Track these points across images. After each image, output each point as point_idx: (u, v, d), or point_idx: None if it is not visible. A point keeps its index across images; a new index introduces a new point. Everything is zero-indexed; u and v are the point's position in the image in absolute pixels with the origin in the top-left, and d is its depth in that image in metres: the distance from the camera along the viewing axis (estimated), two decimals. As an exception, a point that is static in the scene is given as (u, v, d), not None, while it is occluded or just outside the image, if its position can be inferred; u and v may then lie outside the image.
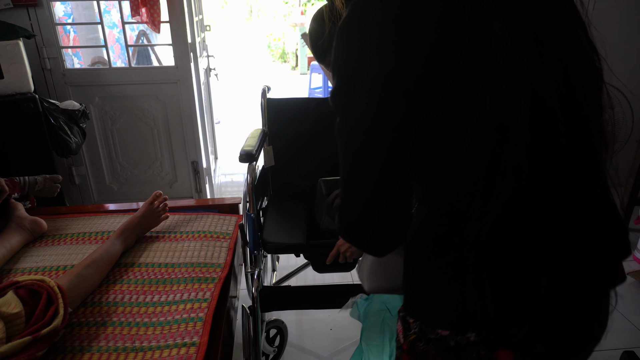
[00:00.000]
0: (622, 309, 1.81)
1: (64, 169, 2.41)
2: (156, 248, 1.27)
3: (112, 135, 2.44)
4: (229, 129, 4.60)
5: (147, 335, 0.95)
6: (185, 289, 1.09)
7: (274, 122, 1.64)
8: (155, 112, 2.41)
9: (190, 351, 0.88)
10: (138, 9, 2.11)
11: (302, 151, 1.66)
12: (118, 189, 2.57)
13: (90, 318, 1.00)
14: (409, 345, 0.59)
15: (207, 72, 2.98)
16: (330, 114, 1.79)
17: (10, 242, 1.24)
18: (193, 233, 1.34)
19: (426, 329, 0.56)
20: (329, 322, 1.78)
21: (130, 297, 1.07)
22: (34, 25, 2.14)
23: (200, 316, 0.99)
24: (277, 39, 9.75)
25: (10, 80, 1.69)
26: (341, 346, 1.67)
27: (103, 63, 2.72)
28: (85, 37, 3.26)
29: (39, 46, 2.18)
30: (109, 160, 2.50)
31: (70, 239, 1.33)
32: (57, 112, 1.78)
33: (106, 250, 1.16)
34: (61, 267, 1.19)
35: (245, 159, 1.35)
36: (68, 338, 0.94)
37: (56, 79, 2.27)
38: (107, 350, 0.91)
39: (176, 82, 2.34)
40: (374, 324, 1.02)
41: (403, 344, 0.61)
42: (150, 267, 1.18)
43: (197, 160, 2.53)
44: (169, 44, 2.28)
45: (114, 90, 2.34)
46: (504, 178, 0.48)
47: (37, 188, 1.51)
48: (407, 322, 0.60)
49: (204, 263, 1.20)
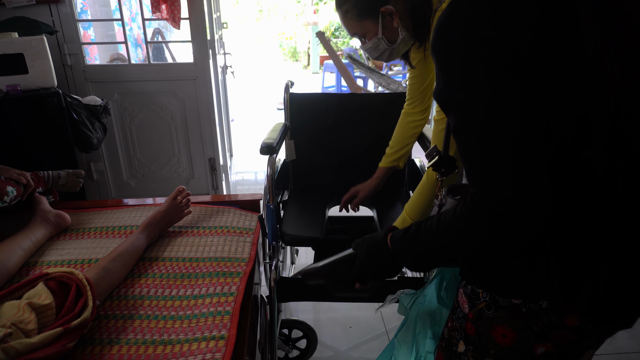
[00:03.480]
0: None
1: (82, 164, 2.43)
2: (180, 242, 1.27)
3: (131, 131, 2.46)
4: (243, 127, 4.61)
5: (175, 328, 0.94)
6: (210, 283, 1.09)
7: (296, 116, 1.64)
8: (173, 108, 2.42)
9: (219, 344, 0.88)
10: (159, 6, 2.11)
11: (324, 146, 1.66)
12: (135, 185, 2.59)
13: (117, 311, 1.00)
14: (475, 313, 0.66)
15: (223, 70, 2.99)
16: (351, 109, 1.80)
17: (36, 235, 1.25)
18: (216, 228, 1.34)
19: (499, 299, 0.63)
20: (347, 320, 1.77)
21: (156, 290, 1.07)
22: (55, 22, 2.16)
23: (227, 310, 0.98)
24: (289, 37, 9.76)
25: (35, 75, 1.71)
26: (359, 341, 1.66)
27: (122, 59, 2.74)
28: (103, 34, 3.29)
29: (60, 42, 2.20)
30: (126, 157, 2.52)
31: (94, 233, 1.34)
32: (80, 108, 1.79)
33: (131, 244, 1.16)
34: (86, 260, 1.19)
35: (266, 151, 1.35)
36: (96, 330, 0.94)
37: (76, 75, 2.29)
38: (135, 342, 0.90)
39: (195, 78, 2.35)
40: (410, 321, 1.01)
41: (468, 313, 0.67)
42: (174, 262, 1.18)
43: (214, 157, 2.54)
44: (188, 40, 2.29)
45: (133, 86, 2.35)
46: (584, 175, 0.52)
47: (61, 182, 1.52)
48: (476, 293, 0.66)
49: (228, 257, 1.19)
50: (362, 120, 1.62)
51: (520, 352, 0.63)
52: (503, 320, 0.63)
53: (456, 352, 0.71)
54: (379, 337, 1.70)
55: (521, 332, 0.62)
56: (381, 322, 1.76)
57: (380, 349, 1.04)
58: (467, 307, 0.67)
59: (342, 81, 4.33)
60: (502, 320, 0.63)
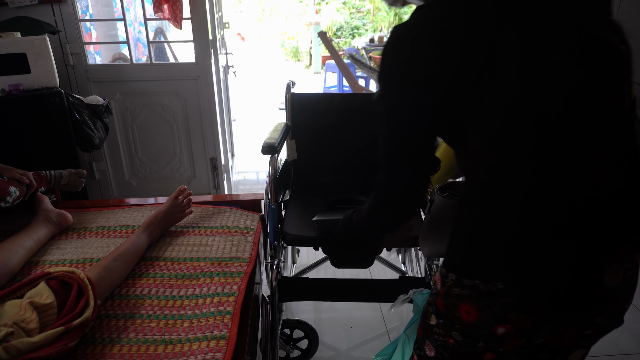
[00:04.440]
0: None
1: (84, 164, 2.44)
2: (181, 242, 1.27)
3: (132, 131, 2.46)
4: (244, 127, 4.61)
5: (176, 327, 0.95)
6: (211, 283, 1.09)
7: (298, 116, 1.64)
8: (175, 108, 2.43)
9: (220, 344, 0.88)
10: (161, 6, 2.12)
11: (325, 146, 1.66)
12: (137, 184, 2.59)
13: (118, 310, 1.00)
14: (445, 290, 0.73)
15: (225, 69, 2.99)
16: (353, 109, 1.79)
17: (38, 234, 1.25)
18: (217, 228, 1.34)
19: (463, 279, 0.70)
20: (348, 320, 1.77)
21: (157, 290, 1.07)
22: (57, 21, 2.17)
23: (228, 309, 0.98)
24: (291, 37, 9.76)
25: (37, 75, 1.71)
26: (360, 341, 1.66)
27: (124, 59, 2.74)
28: (105, 34, 3.29)
29: (62, 42, 2.20)
30: (128, 156, 2.52)
31: (96, 232, 1.34)
32: (82, 107, 1.80)
33: (132, 244, 1.16)
34: (87, 259, 1.19)
35: (267, 151, 1.35)
36: (97, 330, 0.94)
37: (79, 75, 2.29)
38: (136, 342, 0.91)
39: (196, 78, 2.35)
40: None
41: (440, 290, 0.74)
42: (175, 261, 1.18)
43: (216, 157, 2.54)
44: (190, 40, 2.29)
45: (135, 86, 2.35)
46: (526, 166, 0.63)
47: (63, 182, 1.53)
48: (445, 274, 0.74)
49: (229, 257, 1.19)
50: (363, 120, 1.62)
51: (482, 330, 0.69)
52: (467, 299, 0.69)
53: (429, 325, 0.78)
54: (380, 337, 1.70)
55: (482, 311, 0.68)
56: (382, 323, 1.76)
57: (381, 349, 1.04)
58: (440, 284, 0.75)
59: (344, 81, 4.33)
60: (466, 298, 0.69)
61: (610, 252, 0.65)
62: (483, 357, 0.71)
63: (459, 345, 0.72)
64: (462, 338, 0.72)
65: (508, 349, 0.69)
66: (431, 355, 0.78)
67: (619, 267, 0.66)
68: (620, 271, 0.66)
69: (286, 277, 1.40)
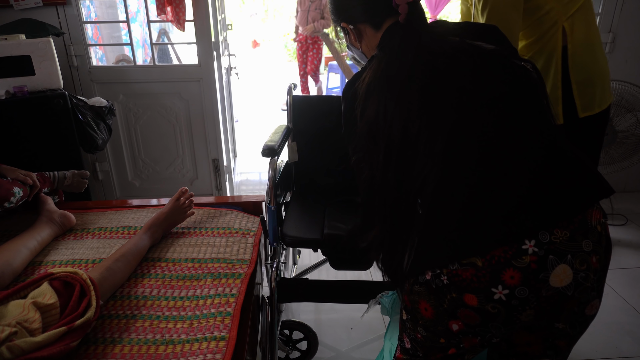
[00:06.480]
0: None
1: (88, 164, 2.46)
2: (182, 243, 1.28)
3: (135, 132, 2.48)
4: (247, 128, 4.63)
5: (177, 328, 0.96)
6: (212, 284, 1.10)
7: (299, 118, 1.65)
8: (177, 109, 2.44)
9: (219, 345, 0.89)
10: (164, 8, 2.13)
11: (326, 148, 1.67)
12: (140, 185, 2.61)
13: (120, 311, 1.01)
14: (409, 287, 0.79)
15: (228, 71, 3.00)
16: (354, 112, 1.76)
17: (41, 235, 1.27)
18: (218, 229, 1.35)
19: (419, 276, 0.76)
20: (348, 321, 1.77)
21: (158, 291, 1.08)
22: (62, 24, 2.18)
23: (228, 311, 0.99)
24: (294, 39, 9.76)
25: (41, 77, 1.73)
26: (360, 342, 1.67)
27: (127, 61, 2.76)
28: (109, 36, 3.32)
29: (66, 44, 2.22)
30: (131, 157, 2.54)
31: (98, 233, 1.35)
32: (85, 109, 1.81)
33: (134, 245, 1.17)
34: (90, 260, 1.21)
35: (268, 154, 1.36)
36: (99, 330, 0.95)
37: (82, 76, 2.31)
38: (137, 342, 0.92)
39: (199, 80, 2.36)
40: (394, 320, 1.06)
41: (407, 287, 0.80)
42: (177, 262, 1.19)
43: (218, 158, 2.55)
44: (193, 42, 2.30)
45: (138, 87, 2.37)
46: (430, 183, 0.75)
47: (66, 183, 1.54)
48: None
49: (229, 259, 1.20)
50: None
51: (439, 326, 0.75)
52: (423, 295, 0.75)
53: (402, 319, 0.86)
54: (380, 338, 1.70)
55: (436, 307, 0.74)
56: (382, 324, 1.77)
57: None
58: (408, 283, 0.81)
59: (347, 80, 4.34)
60: (423, 295, 0.75)
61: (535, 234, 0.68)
62: (447, 352, 0.79)
63: (425, 340, 0.80)
64: (426, 333, 0.79)
65: (468, 347, 0.76)
66: (408, 347, 0.86)
67: (567, 268, 0.68)
68: (569, 272, 0.68)
69: (286, 279, 1.40)
